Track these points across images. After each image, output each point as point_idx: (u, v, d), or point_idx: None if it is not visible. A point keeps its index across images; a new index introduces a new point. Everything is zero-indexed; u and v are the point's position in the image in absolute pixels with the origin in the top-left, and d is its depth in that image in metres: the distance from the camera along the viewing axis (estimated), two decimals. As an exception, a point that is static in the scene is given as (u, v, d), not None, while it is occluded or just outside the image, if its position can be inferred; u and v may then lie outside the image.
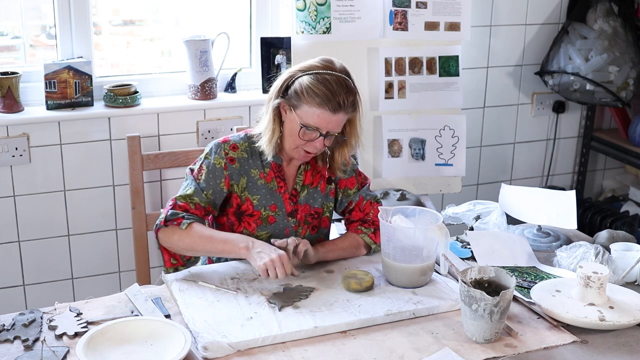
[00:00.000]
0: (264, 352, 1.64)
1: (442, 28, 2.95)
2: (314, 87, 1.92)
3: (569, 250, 2.10)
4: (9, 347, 1.64)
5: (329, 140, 1.99)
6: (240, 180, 2.05)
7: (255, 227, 2.08)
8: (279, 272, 1.84)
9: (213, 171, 2.03)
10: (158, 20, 3.13)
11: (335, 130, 1.98)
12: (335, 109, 1.93)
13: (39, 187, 2.79)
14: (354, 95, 1.96)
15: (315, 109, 1.93)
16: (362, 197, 2.17)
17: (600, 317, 1.73)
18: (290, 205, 2.09)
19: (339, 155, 2.08)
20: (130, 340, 1.64)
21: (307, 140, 1.97)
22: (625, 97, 3.30)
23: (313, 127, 1.94)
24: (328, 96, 1.91)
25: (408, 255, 1.91)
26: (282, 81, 1.99)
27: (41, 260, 2.86)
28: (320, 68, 1.95)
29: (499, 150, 3.55)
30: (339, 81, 1.93)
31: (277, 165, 2.08)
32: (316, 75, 1.94)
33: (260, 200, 2.07)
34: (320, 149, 2.00)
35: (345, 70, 1.98)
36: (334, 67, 1.96)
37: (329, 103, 1.92)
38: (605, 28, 3.25)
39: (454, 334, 1.73)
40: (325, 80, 1.92)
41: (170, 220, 1.97)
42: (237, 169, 2.05)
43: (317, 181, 2.13)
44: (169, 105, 2.90)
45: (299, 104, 1.95)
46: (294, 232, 2.11)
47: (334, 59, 2.00)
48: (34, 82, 2.80)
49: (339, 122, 1.97)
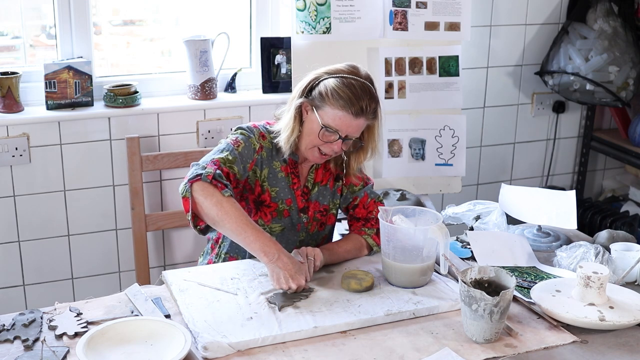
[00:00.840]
0: (264, 352, 1.64)
1: (442, 28, 2.96)
2: (339, 89, 1.95)
3: (569, 250, 2.10)
4: (9, 347, 1.64)
5: (346, 145, 2.02)
6: (263, 169, 2.07)
7: (271, 218, 2.10)
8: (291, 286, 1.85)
9: (249, 148, 2.04)
10: (158, 20, 3.13)
11: (354, 134, 2.00)
12: (357, 113, 1.95)
13: (39, 187, 2.79)
14: (376, 102, 2.00)
15: (337, 111, 1.95)
16: (367, 194, 2.19)
17: (600, 317, 1.73)
18: (302, 202, 2.12)
19: (355, 161, 2.11)
20: (130, 340, 1.64)
21: (326, 141, 1.99)
22: (625, 97, 3.30)
23: (333, 129, 1.97)
24: (352, 100, 1.94)
25: (408, 255, 1.91)
26: (307, 82, 2.02)
27: (41, 260, 2.86)
28: (346, 72, 1.99)
29: (499, 150, 3.55)
30: (364, 87, 1.97)
31: (294, 162, 2.10)
32: (342, 79, 1.97)
33: (278, 192, 2.09)
34: (337, 152, 2.02)
35: (369, 78, 2.02)
36: (359, 73, 2.00)
37: (352, 106, 1.94)
38: (605, 28, 3.25)
39: (454, 334, 1.73)
40: (350, 85, 1.95)
41: (217, 180, 1.90)
42: (264, 157, 2.07)
43: (326, 179, 2.16)
44: (169, 105, 2.90)
45: (322, 105, 1.98)
46: (305, 228, 2.14)
47: (360, 66, 2.03)
48: (34, 82, 2.80)
49: (359, 126, 1.99)
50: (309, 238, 2.17)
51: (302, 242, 2.15)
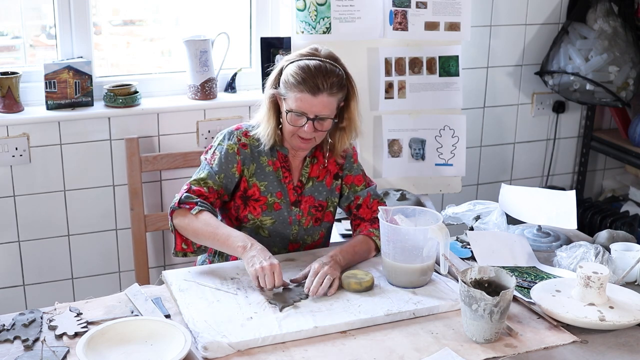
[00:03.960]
0: (264, 352, 1.64)
1: (442, 28, 2.95)
2: (294, 73, 2.00)
3: (569, 250, 2.10)
4: (9, 347, 1.64)
5: (320, 125, 2.02)
6: (250, 165, 2.11)
7: (260, 212, 2.11)
8: (267, 281, 1.83)
9: (226, 156, 2.09)
10: (158, 20, 3.13)
11: (323, 113, 2.01)
12: (313, 91, 1.98)
13: (39, 187, 2.79)
14: (336, 76, 2.00)
15: (296, 94, 2.00)
16: (370, 194, 2.19)
17: (600, 317, 1.73)
18: (294, 196, 2.14)
19: (339, 143, 2.13)
20: (130, 340, 1.64)
21: (296, 125, 2.02)
22: (625, 97, 3.30)
23: (298, 112, 2.00)
24: (306, 80, 1.98)
25: (408, 255, 1.91)
26: (276, 72, 2.08)
27: (41, 260, 2.86)
28: (304, 55, 2.04)
29: (499, 150, 3.55)
30: (319, 65, 1.99)
31: (284, 155, 2.13)
32: (298, 62, 2.01)
33: (267, 186, 2.11)
34: (310, 134, 2.03)
35: (330, 56, 2.05)
36: (317, 53, 2.04)
37: (305, 85, 1.98)
38: (605, 28, 3.25)
39: (454, 334, 1.73)
40: (305, 66, 2.00)
41: (184, 203, 2.01)
42: (248, 154, 2.11)
43: (323, 175, 2.17)
44: (169, 105, 2.90)
45: (285, 92, 2.03)
46: (297, 221, 2.14)
47: (321, 47, 2.07)
48: (34, 82, 2.80)
49: (323, 104, 2.00)
50: (303, 232, 2.17)
51: (295, 236, 2.16)
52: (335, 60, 2.04)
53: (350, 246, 2.06)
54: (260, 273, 1.84)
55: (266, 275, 1.84)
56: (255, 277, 1.85)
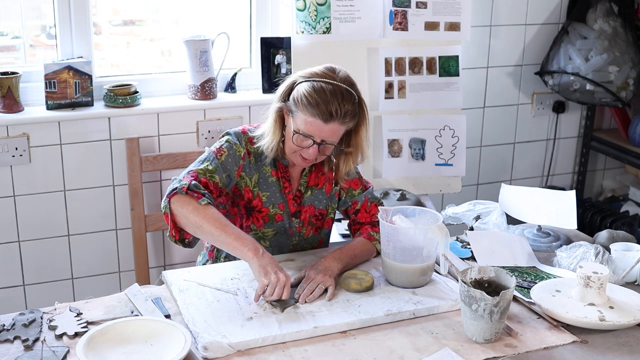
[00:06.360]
0: (264, 352, 1.64)
1: (442, 28, 2.96)
2: (308, 94, 1.91)
3: (569, 250, 2.10)
4: (9, 347, 1.64)
5: (325, 149, 1.98)
6: (253, 175, 2.06)
7: (263, 223, 2.09)
8: (276, 293, 1.79)
9: (233, 156, 2.02)
10: (158, 20, 3.13)
11: (331, 139, 1.96)
12: (326, 118, 1.91)
13: (39, 187, 2.79)
14: (351, 105, 1.93)
15: (307, 117, 1.92)
16: (368, 198, 2.17)
17: (600, 317, 1.73)
18: (294, 206, 2.10)
19: (343, 165, 2.07)
20: (130, 340, 1.64)
21: (301, 146, 1.96)
22: (625, 97, 3.30)
23: (306, 135, 1.94)
24: (320, 105, 1.90)
25: (408, 255, 1.91)
26: (286, 85, 1.99)
27: (41, 260, 2.86)
28: (320, 76, 1.94)
29: (499, 150, 3.55)
30: (335, 90, 1.91)
31: (284, 166, 2.08)
32: (313, 83, 1.92)
33: (269, 197, 2.07)
34: (313, 156, 1.97)
35: (347, 79, 1.96)
36: (334, 75, 1.94)
37: (319, 111, 1.90)
38: (605, 28, 3.25)
39: (454, 334, 1.73)
40: (320, 89, 1.91)
41: (192, 190, 1.90)
42: (252, 163, 2.06)
43: (322, 182, 2.14)
44: (169, 105, 2.90)
45: (295, 110, 1.95)
46: (297, 232, 2.12)
47: (338, 68, 1.98)
48: (34, 82, 2.80)
49: (333, 131, 1.94)
50: (303, 242, 2.16)
51: (295, 247, 2.15)
52: (352, 86, 1.95)
53: (350, 249, 2.05)
54: (272, 285, 1.79)
55: (277, 288, 1.79)
56: (264, 287, 1.80)
